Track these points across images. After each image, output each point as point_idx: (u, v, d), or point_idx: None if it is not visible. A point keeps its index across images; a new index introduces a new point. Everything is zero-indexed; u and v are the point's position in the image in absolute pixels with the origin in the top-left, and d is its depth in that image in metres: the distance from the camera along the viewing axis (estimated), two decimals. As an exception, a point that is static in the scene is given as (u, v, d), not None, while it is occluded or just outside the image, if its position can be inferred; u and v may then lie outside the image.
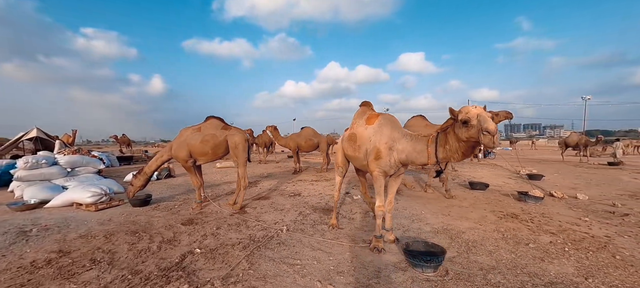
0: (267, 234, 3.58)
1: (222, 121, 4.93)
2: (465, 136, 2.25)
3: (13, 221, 4.08)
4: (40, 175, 6.15)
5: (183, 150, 4.69)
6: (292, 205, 5.09)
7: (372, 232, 3.67)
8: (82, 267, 2.68)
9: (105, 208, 4.86)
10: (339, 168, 3.88)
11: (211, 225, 3.94)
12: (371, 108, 3.51)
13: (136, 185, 4.89)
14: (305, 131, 9.32)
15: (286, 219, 4.24)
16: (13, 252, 3.05)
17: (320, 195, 5.88)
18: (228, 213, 4.53)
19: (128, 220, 4.22)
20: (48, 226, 3.87)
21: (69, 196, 4.93)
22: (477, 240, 3.37)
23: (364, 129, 3.22)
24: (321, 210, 4.71)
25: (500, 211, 4.58)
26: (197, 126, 4.84)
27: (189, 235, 3.54)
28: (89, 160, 7.14)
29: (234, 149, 4.65)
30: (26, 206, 4.75)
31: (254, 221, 4.11)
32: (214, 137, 4.66)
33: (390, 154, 2.84)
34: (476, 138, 2.19)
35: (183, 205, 5.09)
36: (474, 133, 2.19)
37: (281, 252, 3.05)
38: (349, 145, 3.42)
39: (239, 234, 3.59)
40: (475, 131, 2.16)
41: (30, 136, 8.99)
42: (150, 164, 4.97)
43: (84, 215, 4.49)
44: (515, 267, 2.72)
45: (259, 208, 4.85)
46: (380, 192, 3.02)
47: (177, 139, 4.84)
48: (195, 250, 3.07)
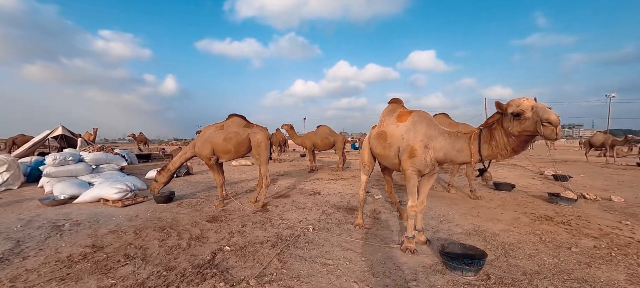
0: (293, 232, 3.54)
1: (244, 119, 4.92)
2: (518, 130, 2.12)
3: (46, 216, 4.21)
4: (68, 172, 6.34)
5: (206, 148, 4.71)
6: (313, 203, 5.05)
7: (399, 232, 3.58)
8: (117, 262, 2.71)
9: (130, 204, 4.95)
10: (365, 166, 3.80)
11: (236, 222, 3.94)
12: (402, 105, 3.41)
13: (160, 182, 4.96)
14: (321, 129, 9.26)
15: (310, 218, 4.20)
16: (49, 246, 3.12)
17: (340, 194, 5.81)
18: (251, 211, 4.52)
19: (154, 216, 4.28)
20: (79, 222, 3.96)
21: (96, 192, 5.05)
22: (513, 242, 3.22)
23: (395, 126, 3.12)
24: (344, 209, 4.64)
25: (533, 213, 4.38)
26: (220, 124, 4.85)
27: (216, 233, 3.54)
28: (112, 157, 7.32)
29: (256, 147, 4.64)
30: (57, 201, 4.89)
31: (278, 220, 4.08)
32: (236, 135, 4.66)
33: (425, 153, 2.73)
34: (531, 130, 2.05)
35: (205, 202, 5.13)
36: (528, 125, 2.05)
37: (311, 251, 3.00)
38: (378, 143, 3.33)
39: (265, 232, 3.57)
40: (531, 123, 2.03)
41: (56, 134, 9.32)
42: (174, 161, 5.03)
43: (111, 210, 4.59)
44: (560, 272, 2.57)
45: (281, 207, 4.83)
46: (413, 192, 2.92)
47: (200, 137, 4.87)
48: (224, 248, 3.05)
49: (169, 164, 5.05)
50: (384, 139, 3.25)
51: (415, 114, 3.00)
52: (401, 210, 4.14)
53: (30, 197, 5.49)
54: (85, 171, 6.64)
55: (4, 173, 6.03)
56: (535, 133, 2.05)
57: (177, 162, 5.01)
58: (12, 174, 6.13)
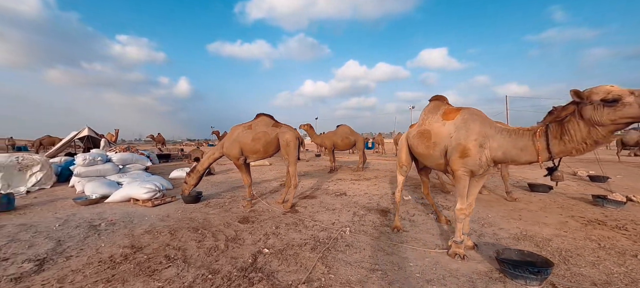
0: (329, 235, 3.43)
1: (272, 118, 4.86)
2: (611, 118, 1.87)
3: (81, 215, 4.26)
4: (96, 171, 6.48)
5: (235, 148, 4.67)
6: (341, 204, 4.92)
7: (440, 236, 3.41)
8: (159, 264, 2.67)
9: (160, 204, 4.98)
10: (403, 167, 3.64)
11: (269, 224, 3.86)
12: (446, 102, 3.23)
13: (190, 183, 4.95)
14: (341, 129, 9.13)
15: (342, 219, 4.08)
16: (89, 246, 3.13)
17: (367, 195, 5.66)
18: (280, 212, 4.44)
19: (185, 216, 4.26)
20: (114, 221, 3.98)
21: (127, 191, 5.10)
22: (570, 249, 2.99)
23: (441, 125, 2.96)
24: (376, 211, 4.50)
25: (581, 216, 4.10)
26: (248, 124, 4.80)
27: (250, 234, 3.47)
28: (138, 158, 7.43)
29: (285, 147, 4.56)
30: (89, 200, 4.97)
31: (310, 221, 3.98)
32: (265, 135, 4.60)
33: (480, 152, 2.56)
34: (634, 116, 1.82)
35: (232, 203, 5.09)
36: (632, 111, 1.80)
37: (353, 255, 2.88)
38: (420, 142, 3.17)
39: (300, 234, 3.47)
40: (636, 109, 1.80)
41: (82, 135, 9.59)
42: (202, 162, 5.02)
43: (142, 210, 4.61)
44: (633, 282, 2.34)
45: (309, 208, 4.73)
46: (463, 194, 2.74)
47: (228, 137, 4.84)
48: (263, 250, 2.97)
49: (197, 165, 5.04)
50: (427, 138, 3.08)
51: (466, 111, 2.82)
52: (439, 212, 3.96)
53: (63, 196, 5.63)
54: (113, 171, 6.77)
55: (37, 173, 6.21)
56: (632, 120, 1.81)
57: (206, 163, 4.99)
58: (45, 174, 6.31)
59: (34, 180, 6.11)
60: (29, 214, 4.40)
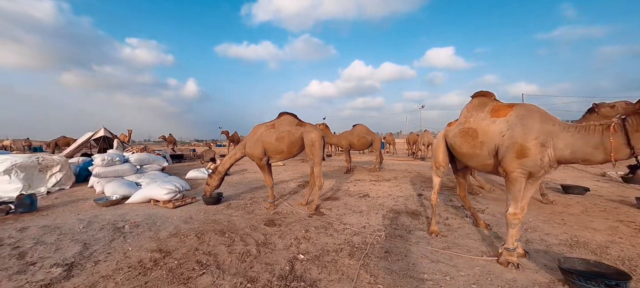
0: (364, 240, 3.24)
1: (296, 117, 4.70)
2: None
3: (103, 217, 4.18)
4: (115, 172, 6.43)
5: (258, 148, 4.53)
6: (367, 206, 4.73)
7: (482, 241, 3.19)
8: (192, 271, 2.53)
9: (180, 205, 4.87)
10: (440, 168, 3.43)
11: (297, 227, 3.69)
12: (494, 98, 3.01)
13: (212, 185, 4.83)
14: (357, 128, 8.93)
15: (372, 222, 3.88)
16: (116, 250, 3.01)
17: (391, 196, 5.45)
18: (305, 215, 4.28)
19: (208, 218, 4.13)
20: (137, 223, 3.88)
21: (147, 192, 5.01)
22: (633, 257, 2.73)
23: (489, 122, 2.74)
24: (406, 214, 4.28)
25: (630, 221, 3.81)
26: (271, 123, 4.66)
27: (280, 238, 3.31)
28: (155, 158, 7.38)
29: (310, 146, 4.39)
30: (110, 201, 4.90)
31: (339, 224, 3.80)
32: (289, 134, 4.44)
33: (542, 152, 2.33)
34: None
35: (254, 204, 4.95)
36: None
37: (396, 262, 2.68)
38: (464, 142, 2.96)
39: (332, 238, 3.29)
40: None
41: (98, 135, 9.63)
42: (224, 162, 4.89)
43: (164, 212, 4.51)
44: None
45: (334, 210, 4.55)
46: (517, 197, 2.52)
47: (250, 137, 4.70)
48: (298, 256, 2.80)
49: (218, 166, 4.92)
50: (472, 137, 2.87)
51: (521, 107, 2.59)
52: (477, 216, 3.72)
53: (83, 197, 5.58)
54: (131, 171, 6.72)
55: (57, 173, 6.20)
56: None
57: (227, 164, 4.87)
58: (64, 174, 6.29)
59: (54, 180, 6.10)
60: (52, 215, 4.34)
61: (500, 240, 3.22)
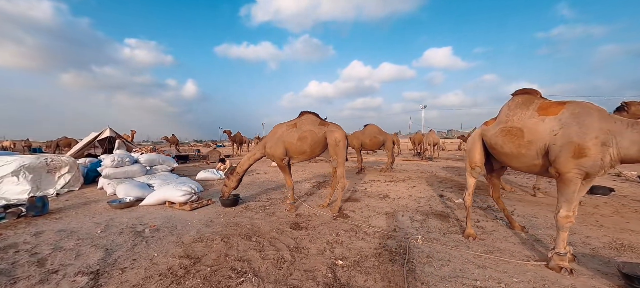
0: (399, 243, 3.10)
1: (317, 116, 4.55)
2: None
3: (120, 220, 4.01)
4: (124, 173, 6.26)
5: (279, 148, 4.38)
6: (391, 208, 4.59)
7: (521, 244, 3.06)
8: (229, 279, 2.38)
9: (197, 207, 4.71)
10: (476, 168, 3.30)
11: (324, 230, 3.55)
12: (539, 96, 2.88)
13: (230, 186, 4.68)
14: (369, 128, 8.79)
15: (402, 225, 3.74)
16: (141, 256, 2.86)
17: (412, 197, 5.32)
18: (329, 217, 4.13)
19: (230, 221, 3.98)
20: (157, 227, 3.72)
21: (162, 194, 4.85)
22: (687, 262, 2.61)
23: (538, 121, 2.61)
24: (433, 216, 4.15)
25: (668, 222, 3.70)
26: (292, 122, 4.51)
27: (311, 242, 3.17)
28: (164, 159, 7.21)
29: (334, 146, 4.25)
30: (124, 204, 4.73)
31: (368, 227, 3.65)
32: (312, 134, 4.30)
33: (603, 152, 2.20)
34: None
35: (273, 206, 4.80)
36: None
37: (442, 268, 2.54)
38: (507, 141, 2.83)
39: (365, 242, 3.15)
40: None
41: (104, 136, 9.42)
42: (242, 163, 4.74)
43: (181, 214, 4.35)
44: None
45: (358, 212, 4.41)
46: (571, 199, 2.40)
47: (271, 136, 4.55)
48: (337, 262, 2.66)
49: (236, 167, 4.77)
50: (517, 137, 2.74)
51: (574, 105, 2.46)
52: (511, 218, 3.59)
53: (94, 199, 5.41)
54: (141, 172, 6.55)
55: (65, 175, 6.01)
56: None
57: (246, 165, 4.72)
58: (73, 176, 6.11)
59: (63, 182, 5.91)
60: (65, 218, 4.17)
61: (539, 243, 3.10)
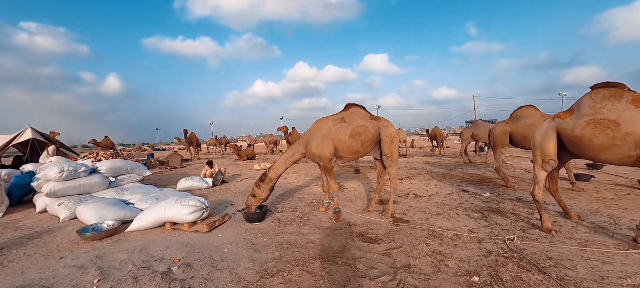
0: (497, 247, 2.82)
1: (365, 109, 4.00)
2: None
3: (115, 258, 2.75)
4: (80, 187, 4.62)
5: (328, 147, 3.69)
6: (437, 207, 4.34)
7: (599, 233, 3.13)
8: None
9: (216, 226, 3.66)
10: (550, 161, 3.26)
11: (404, 240, 3.06)
12: (627, 89, 2.94)
13: (261, 197, 3.76)
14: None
15: (471, 225, 3.51)
16: (202, 311, 1.90)
17: (439, 195, 5.20)
18: (385, 223, 3.65)
19: (278, 241, 3.13)
20: (184, 261, 2.66)
21: (161, 213, 3.61)
22: None
23: (635, 113, 2.65)
24: (490, 212, 4.03)
25: (663, 201, 4.36)
26: (339, 116, 3.86)
27: (410, 257, 2.64)
28: (134, 166, 5.60)
29: (389, 143, 3.77)
30: (105, 232, 3.34)
31: (442, 231, 3.30)
32: (365, 129, 3.74)
33: None
34: None
35: (305, 216, 4.02)
36: None
37: (578, 270, 2.34)
38: (598, 133, 2.82)
39: (466, 251, 2.77)
40: None
41: (24, 138, 6.83)
42: (276, 167, 3.85)
43: (197, 238, 3.27)
44: None
45: (410, 214, 4.02)
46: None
47: (315, 132, 3.81)
48: (472, 279, 2.22)
49: (269, 172, 3.85)
50: (610, 129, 2.75)
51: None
52: (567, 208, 3.70)
53: (42, 228, 3.72)
54: (102, 185, 4.91)
55: (-22, 196, 4.03)
56: None
57: (281, 168, 3.86)
58: (-8, 196, 4.14)
59: (-26, 207, 3.94)
60: (16, 265, 2.67)
61: (604, 230, 3.22)
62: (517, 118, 5.75)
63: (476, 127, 10.13)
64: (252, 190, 3.84)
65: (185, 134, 14.58)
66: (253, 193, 3.79)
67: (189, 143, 14.84)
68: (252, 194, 3.79)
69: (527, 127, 5.55)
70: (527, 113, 5.68)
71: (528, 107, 5.79)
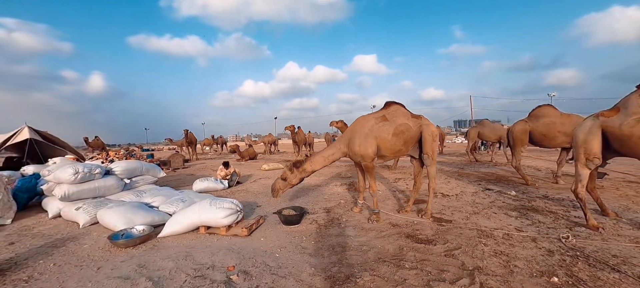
0: (557, 246, 2.81)
1: (405, 107, 3.92)
2: None
3: (161, 266, 2.54)
4: (94, 190, 4.32)
5: (372, 145, 3.58)
6: (470, 206, 4.32)
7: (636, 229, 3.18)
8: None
9: (255, 229, 3.49)
10: (594, 159, 3.28)
11: (459, 241, 2.99)
12: None
13: (291, 182, 3.80)
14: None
15: (515, 224, 3.49)
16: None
17: (465, 193, 5.19)
18: (428, 223, 3.58)
19: (328, 244, 3.00)
20: (239, 269, 2.48)
21: (195, 217, 3.39)
22: None
23: None
24: (523, 210, 4.04)
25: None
26: (380, 114, 3.76)
27: (473, 258, 2.57)
28: (149, 167, 5.31)
29: (431, 142, 3.71)
30: (140, 238, 3.10)
31: (492, 231, 3.26)
32: (408, 128, 3.65)
33: None
34: None
35: (343, 218, 3.90)
36: None
37: (649, 268, 2.34)
38: None
39: (528, 251, 2.72)
40: None
41: (20, 138, 6.32)
42: (315, 161, 3.75)
43: (240, 243, 3.10)
44: None
45: (448, 213, 3.97)
46: None
47: (357, 130, 3.69)
48: (552, 280, 2.17)
49: (306, 164, 3.71)
50: None
51: None
52: (605, 206, 3.75)
53: (62, 235, 3.41)
54: (118, 188, 4.62)
55: (-16, 201, 3.66)
56: None
57: (319, 164, 3.76)
58: (1, 201, 3.78)
59: (-19, 213, 3.58)
60: (53, 277, 2.41)
61: None
62: (536, 117, 5.84)
63: (482, 126, 10.30)
64: (283, 172, 3.72)
65: (186, 134, 14.11)
66: (284, 176, 3.66)
67: (189, 143, 14.36)
68: (283, 177, 3.67)
69: (546, 126, 5.65)
70: (546, 111, 5.78)
71: (546, 106, 5.89)
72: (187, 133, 13.98)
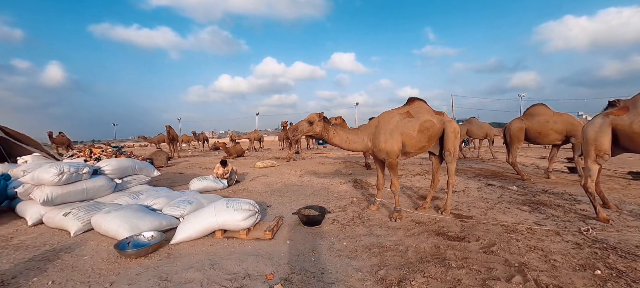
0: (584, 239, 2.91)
1: (427, 104, 3.87)
2: None
3: (195, 279, 2.25)
4: (82, 192, 3.83)
5: (397, 141, 3.48)
6: (483, 201, 4.40)
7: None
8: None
9: (275, 232, 3.25)
10: (605, 155, 3.45)
11: (490, 237, 3.00)
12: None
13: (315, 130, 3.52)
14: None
15: (532, 218, 3.60)
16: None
17: (470, 189, 5.31)
18: (449, 220, 3.58)
19: (365, 244, 2.87)
20: (281, 277, 2.27)
21: (213, 220, 3.09)
22: None
23: None
24: (534, 204, 4.19)
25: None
26: (404, 110, 3.67)
27: (513, 254, 2.58)
28: (142, 165, 4.81)
29: (453, 139, 3.70)
30: (151, 247, 2.74)
31: (517, 226, 3.33)
32: (432, 125, 3.61)
33: None
34: None
35: (364, 217, 3.78)
36: None
37: (673, 257, 2.48)
38: None
39: (558, 244, 2.79)
40: None
41: None
42: (337, 133, 3.65)
43: (266, 246, 2.87)
44: None
45: (466, 210, 4.01)
46: None
47: (382, 126, 3.58)
48: (595, 273, 2.21)
49: (330, 127, 3.62)
50: None
51: None
52: (606, 199, 3.99)
53: (50, 246, 2.92)
54: (108, 189, 4.13)
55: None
56: None
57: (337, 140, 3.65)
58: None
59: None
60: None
61: None
62: (531, 115, 6.14)
63: (470, 124, 10.73)
64: (311, 116, 3.50)
65: (168, 130, 13.17)
66: (311, 120, 3.47)
67: (171, 140, 13.43)
68: (309, 120, 3.47)
69: (541, 124, 5.95)
70: (540, 110, 6.09)
71: (540, 105, 6.21)
72: (169, 129, 13.06)
